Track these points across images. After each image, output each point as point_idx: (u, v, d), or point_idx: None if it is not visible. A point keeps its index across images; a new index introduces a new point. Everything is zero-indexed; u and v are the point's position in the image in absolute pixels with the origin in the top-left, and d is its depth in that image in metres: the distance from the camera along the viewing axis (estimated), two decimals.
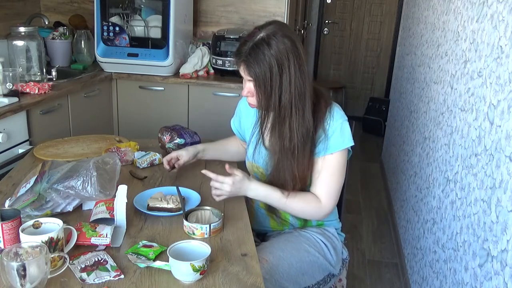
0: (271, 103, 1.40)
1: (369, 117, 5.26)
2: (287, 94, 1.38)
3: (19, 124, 2.22)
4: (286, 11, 3.25)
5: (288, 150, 1.44)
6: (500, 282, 1.26)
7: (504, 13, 1.44)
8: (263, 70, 1.35)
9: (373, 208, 3.47)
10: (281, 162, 1.47)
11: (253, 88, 1.41)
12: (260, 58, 1.35)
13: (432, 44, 2.58)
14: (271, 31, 1.37)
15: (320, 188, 1.48)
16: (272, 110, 1.43)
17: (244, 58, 1.37)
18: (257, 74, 1.36)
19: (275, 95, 1.38)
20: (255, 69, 1.36)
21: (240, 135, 1.77)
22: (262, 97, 1.40)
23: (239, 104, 1.75)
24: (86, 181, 1.35)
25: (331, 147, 1.46)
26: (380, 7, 5.49)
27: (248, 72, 1.38)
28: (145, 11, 2.96)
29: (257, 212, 1.68)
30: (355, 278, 2.61)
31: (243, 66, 1.39)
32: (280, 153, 1.46)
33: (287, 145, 1.44)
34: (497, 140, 1.38)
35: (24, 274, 0.99)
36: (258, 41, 1.36)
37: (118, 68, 2.94)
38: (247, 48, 1.37)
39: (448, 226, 1.81)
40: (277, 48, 1.35)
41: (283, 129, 1.43)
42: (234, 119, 1.77)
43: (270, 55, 1.34)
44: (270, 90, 1.38)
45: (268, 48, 1.34)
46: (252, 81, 1.40)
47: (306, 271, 1.49)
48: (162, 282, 1.10)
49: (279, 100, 1.39)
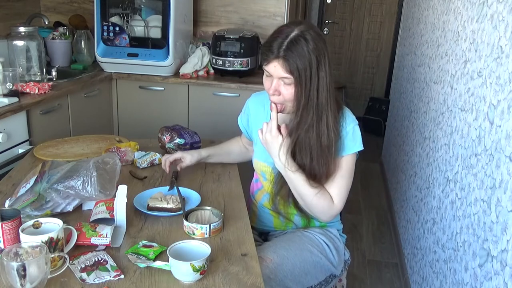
0: (309, 99, 1.38)
1: (369, 117, 5.25)
2: (324, 91, 1.38)
3: (19, 124, 2.22)
4: (286, 11, 3.25)
5: (326, 148, 1.42)
6: (500, 282, 1.26)
7: (504, 13, 1.44)
8: (304, 65, 1.33)
9: (373, 208, 3.47)
10: (316, 160, 1.44)
11: (286, 86, 1.38)
12: (300, 53, 1.32)
13: (432, 44, 2.58)
14: (304, 28, 1.35)
15: (333, 188, 1.47)
16: (310, 107, 1.40)
17: (283, 54, 1.33)
18: (299, 69, 1.33)
19: (313, 90, 1.37)
20: (297, 64, 1.33)
21: (247, 133, 1.75)
22: (302, 93, 1.37)
23: (248, 102, 1.72)
24: (86, 181, 1.35)
25: (344, 149, 1.46)
26: (380, 7, 5.49)
27: (288, 68, 1.34)
28: (145, 11, 2.96)
29: (261, 211, 1.68)
30: (355, 278, 2.61)
31: (280, 62, 1.34)
32: (316, 152, 1.43)
33: (325, 142, 1.42)
34: (497, 140, 1.38)
35: (24, 274, 0.99)
36: (295, 37, 1.33)
37: (118, 68, 2.94)
38: (282, 44, 1.33)
39: (448, 226, 1.81)
40: (314, 44, 1.34)
41: (321, 126, 1.41)
42: (242, 116, 1.74)
43: (310, 50, 1.33)
44: (310, 85, 1.36)
45: (306, 43, 1.33)
46: (288, 77, 1.36)
47: (309, 271, 1.50)
48: (162, 282, 1.10)
49: (317, 97, 1.38)
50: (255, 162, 1.64)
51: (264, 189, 1.64)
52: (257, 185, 1.68)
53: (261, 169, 1.62)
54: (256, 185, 1.69)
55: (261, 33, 3.17)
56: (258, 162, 1.63)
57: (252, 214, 1.69)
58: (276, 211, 1.62)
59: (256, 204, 1.69)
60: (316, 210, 1.48)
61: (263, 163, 1.60)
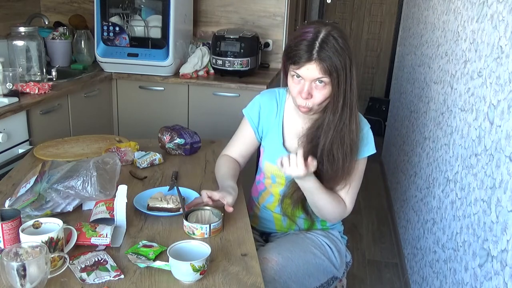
0: (346, 98, 1.36)
1: (369, 117, 5.22)
2: (355, 90, 1.37)
3: (19, 124, 2.22)
4: (286, 11, 3.25)
5: (354, 148, 1.42)
6: (500, 282, 1.26)
7: (504, 13, 1.44)
8: (340, 64, 1.31)
9: (373, 208, 3.47)
10: (342, 162, 1.42)
11: (319, 87, 1.35)
12: (334, 52, 1.30)
13: (432, 44, 2.58)
14: (330, 29, 1.33)
15: (346, 192, 1.48)
16: (345, 106, 1.38)
17: (317, 56, 1.30)
18: (337, 68, 1.31)
19: (348, 89, 1.35)
20: (334, 64, 1.30)
21: (256, 130, 1.63)
22: (340, 93, 1.35)
23: (260, 98, 1.62)
24: (86, 181, 1.34)
25: (359, 152, 1.47)
26: (380, 7, 5.49)
27: (325, 69, 1.31)
28: (145, 11, 2.96)
29: (263, 213, 1.67)
30: (355, 278, 2.61)
31: (315, 64, 1.31)
32: (345, 152, 1.41)
33: (354, 142, 1.42)
34: (497, 140, 1.38)
35: (24, 274, 0.99)
36: (325, 38, 1.31)
37: (118, 68, 2.94)
38: (314, 46, 1.31)
39: (448, 226, 1.81)
40: (344, 43, 1.33)
41: (351, 127, 1.40)
42: (252, 110, 1.62)
43: (343, 49, 1.31)
44: (345, 85, 1.34)
45: (337, 42, 1.31)
46: (325, 78, 1.33)
47: (312, 273, 1.49)
48: (162, 282, 1.10)
49: (351, 95, 1.37)
50: (267, 164, 1.59)
51: (269, 190, 1.62)
52: (260, 187, 1.66)
53: (273, 172, 1.57)
54: (259, 187, 1.67)
55: (261, 33, 3.17)
56: (270, 165, 1.57)
57: (253, 216, 1.68)
58: (281, 213, 1.60)
59: (258, 207, 1.68)
60: (330, 216, 1.50)
61: (276, 166, 1.49)
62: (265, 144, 1.62)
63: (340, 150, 1.42)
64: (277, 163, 1.36)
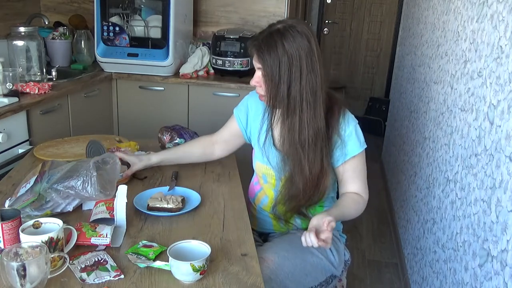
0: (279, 93, 1.40)
1: (369, 117, 5.26)
2: (297, 86, 1.39)
3: (19, 124, 2.22)
4: (286, 11, 3.25)
5: (298, 145, 1.43)
6: (500, 282, 1.26)
7: (504, 13, 1.44)
8: (273, 58, 1.37)
9: (373, 208, 3.47)
10: (291, 158, 1.46)
11: (262, 77, 1.43)
12: (272, 46, 1.37)
13: (432, 44, 2.58)
14: (288, 24, 1.40)
15: (356, 185, 1.52)
16: (280, 100, 1.42)
17: (256, 44, 1.41)
18: (266, 61, 1.39)
19: (283, 84, 1.39)
20: (264, 56, 1.39)
21: (244, 131, 1.70)
22: (270, 85, 1.41)
23: (248, 98, 1.69)
24: (86, 181, 1.34)
25: (350, 152, 1.48)
26: (380, 7, 5.49)
27: (258, 59, 1.41)
28: (145, 11, 2.96)
29: (260, 214, 1.67)
30: (355, 278, 2.61)
31: (255, 52, 1.42)
32: (290, 148, 1.45)
33: (297, 138, 1.43)
34: (497, 140, 1.38)
35: (24, 274, 0.99)
36: (274, 31, 1.40)
37: (118, 68, 2.94)
38: (262, 36, 1.41)
39: (448, 226, 1.81)
40: (291, 40, 1.37)
41: (293, 121, 1.43)
42: (240, 109, 1.70)
43: (282, 45, 1.37)
44: (278, 79, 1.39)
45: (282, 38, 1.37)
46: (260, 68, 1.42)
47: (310, 272, 1.49)
48: (162, 282, 1.10)
49: (287, 91, 1.40)
50: (257, 164, 1.62)
51: (264, 191, 1.63)
52: (257, 187, 1.67)
53: (263, 171, 1.60)
54: (255, 187, 1.68)
55: None
56: (259, 164, 1.60)
57: (251, 217, 1.68)
58: (275, 215, 1.61)
59: (255, 208, 1.68)
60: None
61: (265, 165, 1.57)
62: (254, 144, 1.64)
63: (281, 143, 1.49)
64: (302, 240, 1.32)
